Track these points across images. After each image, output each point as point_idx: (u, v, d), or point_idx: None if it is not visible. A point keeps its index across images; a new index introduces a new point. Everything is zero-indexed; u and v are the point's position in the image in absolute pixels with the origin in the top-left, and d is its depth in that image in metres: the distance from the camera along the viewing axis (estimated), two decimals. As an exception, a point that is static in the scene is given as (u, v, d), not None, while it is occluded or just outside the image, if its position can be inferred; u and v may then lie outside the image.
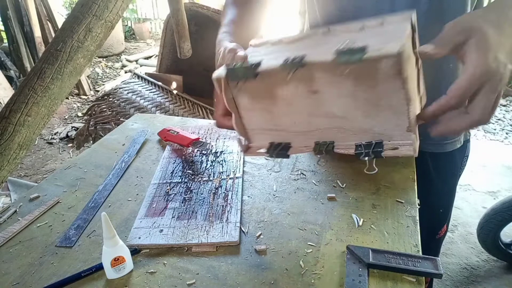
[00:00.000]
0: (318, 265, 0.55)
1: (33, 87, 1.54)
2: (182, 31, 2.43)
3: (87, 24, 1.60)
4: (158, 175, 0.78)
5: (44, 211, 0.68)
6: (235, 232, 0.61)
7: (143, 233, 0.61)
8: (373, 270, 0.53)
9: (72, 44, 1.59)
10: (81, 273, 0.54)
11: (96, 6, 1.61)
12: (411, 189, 0.70)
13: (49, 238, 0.62)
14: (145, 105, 2.25)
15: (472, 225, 2.09)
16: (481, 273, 1.84)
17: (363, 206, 0.66)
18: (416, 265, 0.52)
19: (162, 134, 0.91)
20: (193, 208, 0.67)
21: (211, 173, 0.78)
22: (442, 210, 0.96)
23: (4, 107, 1.55)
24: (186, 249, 0.59)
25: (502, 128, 3.25)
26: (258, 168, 0.80)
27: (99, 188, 0.74)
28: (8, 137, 1.50)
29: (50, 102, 1.59)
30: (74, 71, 1.63)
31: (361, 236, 0.60)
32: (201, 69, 2.70)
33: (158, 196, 0.71)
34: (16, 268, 0.57)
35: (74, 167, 0.82)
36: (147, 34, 6.14)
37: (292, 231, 0.62)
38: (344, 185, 0.72)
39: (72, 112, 3.74)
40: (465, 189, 2.45)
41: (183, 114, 2.20)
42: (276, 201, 0.69)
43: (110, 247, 0.53)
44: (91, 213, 0.67)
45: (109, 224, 0.52)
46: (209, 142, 0.90)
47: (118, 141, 0.93)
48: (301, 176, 0.76)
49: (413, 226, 0.61)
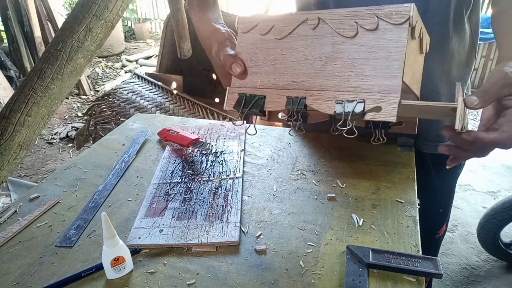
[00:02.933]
0: (318, 265, 0.55)
1: (33, 87, 1.54)
2: (182, 31, 2.42)
3: (87, 24, 1.60)
4: (158, 175, 0.78)
5: (44, 211, 0.68)
6: (235, 232, 0.61)
7: (143, 233, 0.61)
8: (373, 270, 0.53)
9: (72, 44, 1.59)
10: (81, 273, 0.54)
11: (96, 6, 1.61)
12: (411, 189, 0.70)
13: (49, 238, 0.62)
14: (145, 105, 2.25)
15: (472, 225, 2.10)
16: (481, 273, 1.84)
17: (363, 206, 0.66)
18: (416, 265, 0.52)
19: (162, 134, 0.91)
20: (193, 208, 0.67)
21: (211, 173, 0.78)
22: (441, 210, 0.96)
23: (4, 107, 1.55)
24: (186, 249, 0.59)
25: (502, 128, 3.25)
26: (258, 168, 0.80)
27: (99, 188, 0.74)
28: (8, 137, 1.50)
29: (50, 102, 1.59)
30: (74, 71, 1.63)
31: (361, 236, 0.60)
32: (201, 69, 2.70)
33: (158, 196, 0.71)
34: (16, 268, 0.57)
35: (74, 167, 0.82)
36: (147, 34, 6.15)
37: (292, 231, 0.62)
38: (344, 185, 0.72)
39: (72, 112, 3.74)
40: (465, 189, 2.45)
41: (183, 114, 2.19)
42: (276, 201, 0.69)
43: (110, 247, 0.53)
44: (91, 213, 0.67)
45: (109, 224, 0.52)
46: (209, 142, 0.90)
47: (118, 141, 0.93)
48: (301, 176, 0.76)
49: (413, 226, 0.61)
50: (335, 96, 0.51)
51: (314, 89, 0.53)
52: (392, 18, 0.47)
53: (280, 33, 0.55)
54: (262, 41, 0.57)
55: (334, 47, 0.52)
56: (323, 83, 0.52)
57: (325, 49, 0.52)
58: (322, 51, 0.53)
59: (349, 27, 0.50)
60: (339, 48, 0.51)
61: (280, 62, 0.56)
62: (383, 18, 0.48)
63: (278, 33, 0.55)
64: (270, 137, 0.92)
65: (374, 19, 0.48)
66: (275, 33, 0.56)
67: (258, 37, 0.57)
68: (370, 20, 0.49)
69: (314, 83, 0.53)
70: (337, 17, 0.51)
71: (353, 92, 0.50)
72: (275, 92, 0.56)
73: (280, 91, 0.55)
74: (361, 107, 0.49)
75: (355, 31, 0.50)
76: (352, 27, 0.50)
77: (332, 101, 0.51)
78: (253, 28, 0.57)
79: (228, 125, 0.98)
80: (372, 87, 0.49)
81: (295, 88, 0.55)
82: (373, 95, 0.49)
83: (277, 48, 0.56)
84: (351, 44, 0.50)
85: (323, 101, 0.52)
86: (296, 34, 0.54)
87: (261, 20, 0.57)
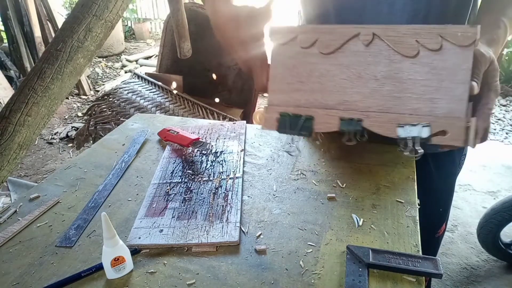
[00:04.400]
0: (318, 265, 0.55)
1: (33, 87, 1.54)
2: (182, 31, 2.42)
3: (87, 24, 1.60)
4: (158, 175, 0.78)
5: (44, 211, 0.68)
6: (235, 232, 0.61)
7: (143, 233, 0.61)
8: (373, 270, 0.53)
9: (72, 44, 1.59)
10: (81, 273, 0.54)
11: (96, 6, 1.61)
12: (411, 189, 0.70)
13: (49, 238, 0.62)
14: (145, 105, 2.25)
15: (472, 225, 2.09)
16: (481, 273, 1.84)
17: (363, 206, 0.66)
18: (416, 265, 0.52)
19: (162, 134, 0.91)
20: (193, 208, 0.67)
21: (211, 173, 0.78)
22: (441, 209, 0.96)
23: (4, 107, 1.55)
24: (186, 249, 0.59)
25: (502, 128, 3.26)
26: (258, 168, 0.80)
27: (99, 188, 0.74)
28: (8, 137, 1.50)
29: (50, 102, 1.59)
30: (74, 71, 1.63)
31: (361, 236, 0.60)
32: (201, 69, 2.70)
33: (158, 196, 0.71)
34: (16, 268, 0.57)
35: (74, 167, 0.82)
36: (147, 34, 6.15)
37: (292, 231, 0.62)
38: (344, 185, 0.72)
39: (72, 112, 3.74)
40: (465, 189, 2.45)
41: (183, 114, 2.19)
42: (276, 201, 0.69)
43: (110, 247, 0.53)
44: (91, 213, 0.67)
45: (109, 224, 0.52)
46: (209, 142, 0.90)
47: (118, 141, 0.93)
48: (301, 176, 0.76)
49: (413, 226, 0.61)
50: (396, 119, 0.48)
51: (371, 110, 0.49)
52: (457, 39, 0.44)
53: (326, 48, 0.50)
54: (304, 54, 0.52)
55: (392, 66, 0.48)
56: (380, 104, 0.49)
57: (381, 67, 0.48)
58: (378, 69, 0.48)
59: (409, 45, 0.46)
60: (398, 67, 0.47)
61: (327, 79, 0.51)
62: (448, 39, 0.45)
63: (324, 47, 0.50)
64: (270, 137, 0.92)
65: (438, 39, 0.45)
66: (320, 47, 0.50)
67: (299, 49, 0.52)
68: (434, 40, 0.45)
69: (370, 104, 0.49)
70: (395, 33, 0.47)
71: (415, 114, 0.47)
72: (324, 112, 0.51)
73: (330, 111, 0.51)
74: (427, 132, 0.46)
75: (416, 50, 0.46)
76: (413, 46, 0.46)
77: (393, 123, 0.48)
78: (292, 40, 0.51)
79: (228, 125, 0.98)
80: (435, 109, 0.46)
81: (347, 109, 0.50)
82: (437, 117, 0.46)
83: (324, 63, 0.51)
84: (411, 64, 0.47)
85: (383, 123, 0.49)
86: (346, 50, 0.49)
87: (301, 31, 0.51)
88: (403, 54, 0.47)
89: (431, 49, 0.46)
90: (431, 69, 0.46)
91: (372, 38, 0.47)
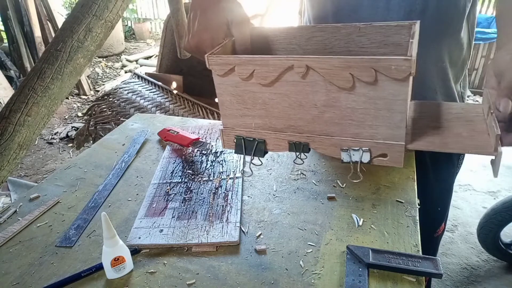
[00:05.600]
0: (318, 265, 0.55)
1: (33, 87, 1.54)
2: (182, 31, 2.42)
3: (87, 24, 1.60)
4: (158, 175, 0.78)
5: (44, 211, 0.68)
6: (235, 232, 0.61)
7: (143, 233, 0.61)
8: (373, 270, 0.53)
9: (72, 44, 1.59)
10: (81, 273, 0.54)
11: (96, 6, 1.61)
12: (411, 189, 0.70)
13: (49, 238, 0.62)
14: (145, 105, 2.25)
15: (472, 225, 2.09)
16: (481, 273, 1.84)
17: (363, 206, 0.66)
18: (416, 265, 0.52)
19: (162, 134, 0.91)
20: (193, 208, 0.67)
21: (211, 173, 0.78)
22: (440, 208, 0.96)
23: (4, 107, 1.55)
24: (186, 249, 0.59)
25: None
26: (258, 168, 0.80)
27: (99, 188, 0.74)
28: (8, 137, 1.50)
29: (50, 102, 1.59)
30: (74, 71, 1.63)
31: (361, 236, 0.60)
32: (201, 69, 2.70)
33: (158, 196, 0.71)
34: (16, 268, 0.57)
35: (74, 167, 0.82)
36: (147, 34, 6.14)
37: (292, 231, 0.62)
38: (344, 185, 0.72)
39: (72, 112, 3.74)
40: (465, 189, 2.45)
41: (183, 114, 2.19)
42: (276, 201, 0.69)
43: (110, 247, 0.53)
44: (91, 213, 0.67)
45: (109, 224, 0.52)
46: (209, 142, 0.90)
47: (118, 141, 0.93)
48: (301, 176, 0.76)
49: (413, 226, 0.61)
50: (339, 143, 0.50)
51: (315, 133, 0.50)
52: (391, 72, 0.43)
53: (264, 79, 0.49)
54: (245, 84, 0.51)
55: (329, 95, 0.47)
56: (323, 129, 0.50)
57: (320, 96, 0.48)
58: (316, 98, 0.48)
59: (343, 78, 0.45)
60: (335, 97, 0.47)
61: (271, 106, 0.51)
62: (382, 72, 0.43)
63: (261, 79, 0.49)
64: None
65: (372, 72, 0.43)
66: (258, 79, 0.50)
67: (239, 80, 0.51)
68: (367, 73, 0.44)
69: (313, 128, 0.50)
70: (328, 66, 0.45)
71: (357, 139, 0.48)
72: (274, 136, 0.53)
73: (279, 134, 0.53)
74: (367, 157, 0.48)
75: (351, 83, 0.45)
76: (347, 79, 0.45)
77: (337, 147, 0.50)
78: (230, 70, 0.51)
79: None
80: (376, 134, 0.47)
81: (294, 132, 0.52)
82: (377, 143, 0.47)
83: (265, 92, 0.51)
84: (347, 94, 0.46)
85: (327, 147, 0.50)
86: (284, 80, 0.49)
87: (237, 63, 0.50)
88: (338, 86, 0.46)
89: (366, 82, 0.45)
90: (368, 99, 0.46)
91: (306, 69, 0.47)
